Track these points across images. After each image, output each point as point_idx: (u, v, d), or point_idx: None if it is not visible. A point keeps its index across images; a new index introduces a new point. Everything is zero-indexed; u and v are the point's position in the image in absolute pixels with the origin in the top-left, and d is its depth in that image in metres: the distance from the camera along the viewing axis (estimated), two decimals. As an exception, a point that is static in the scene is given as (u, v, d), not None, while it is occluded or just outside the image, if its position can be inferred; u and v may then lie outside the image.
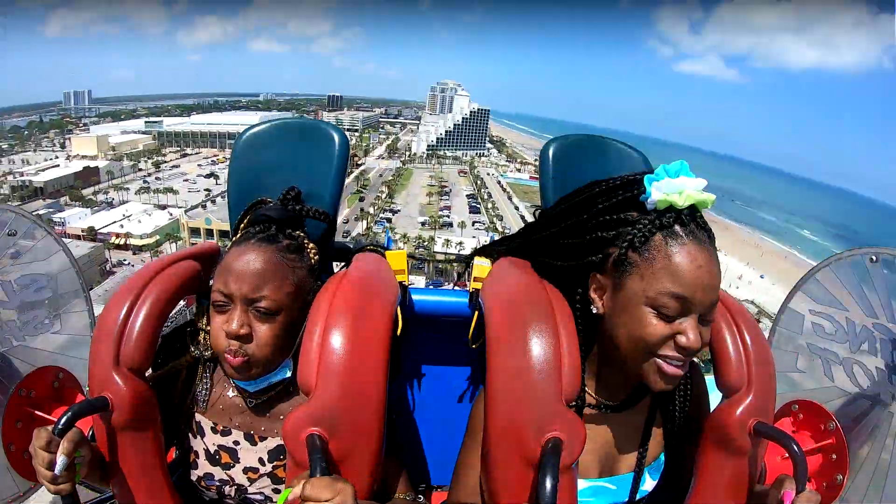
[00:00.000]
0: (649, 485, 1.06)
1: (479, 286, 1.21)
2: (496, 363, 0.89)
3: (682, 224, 0.83)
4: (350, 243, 1.44)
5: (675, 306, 0.82)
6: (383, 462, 0.94)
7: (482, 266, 1.26)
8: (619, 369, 0.97)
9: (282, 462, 1.07)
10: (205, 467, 1.09)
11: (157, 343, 1.03)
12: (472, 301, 1.39)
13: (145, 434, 0.99)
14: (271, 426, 1.09)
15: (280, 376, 1.05)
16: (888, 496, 1.17)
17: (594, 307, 0.92)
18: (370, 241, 1.45)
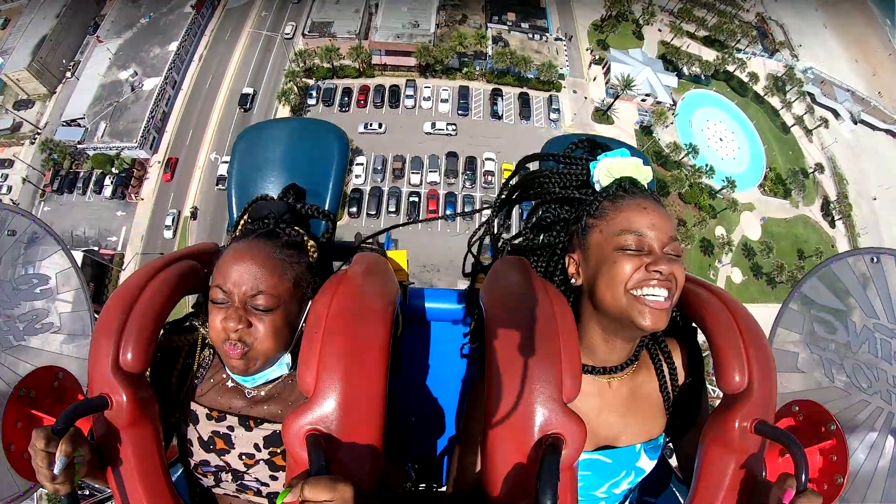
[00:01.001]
0: (646, 464, 1.07)
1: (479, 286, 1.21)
2: (496, 362, 0.89)
3: (624, 190, 1.00)
4: (350, 242, 1.44)
5: (635, 241, 0.94)
6: (383, 461, 0.94)
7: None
8: (605, 332, 1.01)
9: (279, 449, 1.07)
10: (199, 454, 1.09)
11: (157, 342, 1.03)
12: (472, 301, 1.39)
13: (145, 433, 0.98)
14: (268, 413, 1.09)
15: (278, 372, 1.05)
16: (888, 496, 1.17)
17: (574, 280, 1.03)
18: (370, 239, 1.45)
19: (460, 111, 30.43)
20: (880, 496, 1.18)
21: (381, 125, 29.01)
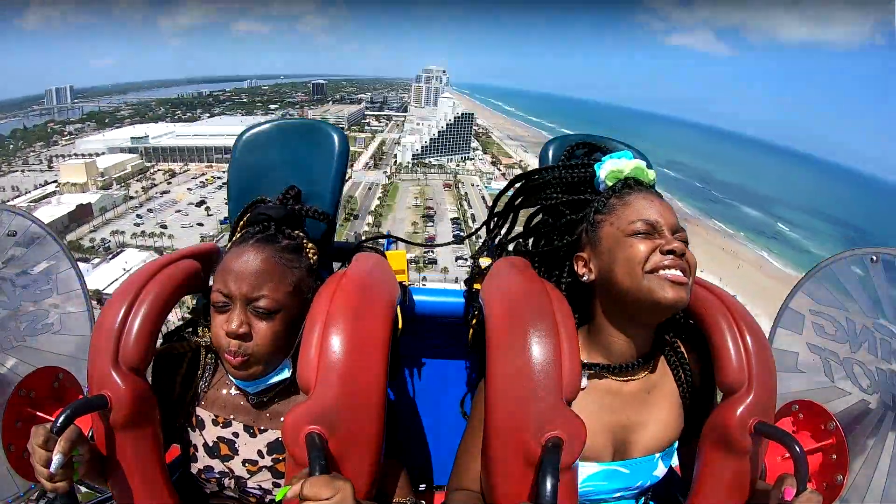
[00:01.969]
0: (661, 471, 1.06)
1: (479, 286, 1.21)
2: (496, 362, 0.89)
3: (630, 187, 1.04)
4: (350, 243, 1.44)
5: (646, 227, 0.97)
6: (382, 461, 0.94)
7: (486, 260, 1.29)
8: (624, 324, 1.01)
9: (282, 456, 1.07)
10: (204, 460, 1.09)
11: (156, 342, 1.03)
12: (472, 301, 1.39)
13: (144, 433, 0.98)
14: (271, 421, 1.09)
15: (279, 376, 1.05)
16: (888, 496, 1.17)
17: (586, 277, 1.04)
18: (369, 240, 1.45)
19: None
20: (880, 496, 1.17)
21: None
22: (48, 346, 1.57)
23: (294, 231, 1.13)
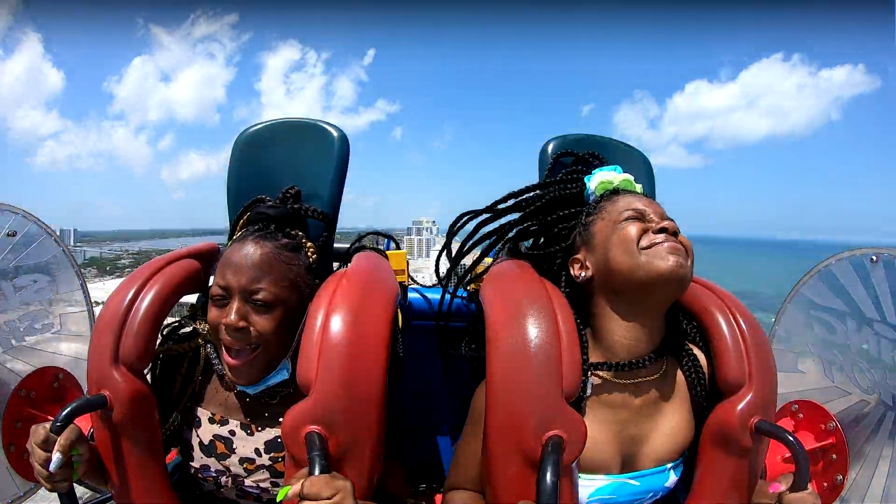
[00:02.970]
0: (672, 481, 1.03)
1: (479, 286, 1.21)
2: (496, 361, 0.89)
3: (616, 193, 1.08)
4: (349, 244, 1.44)
5: (636, 215, 1.00)
6: (382, 461, 0.94)
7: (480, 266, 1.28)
8: (628, 313, 0.99)
9: (280, 455, 1.07)
10: (200, 459, 1.09)
11: (156, 341, 1.03)
12: (472, 301, 1.39)
13: (144, 432, 0.98)
14: (270, 420, 1.09)
15: (279, 377, 1.05)
16: (888, 496, 1.17)
17: (585, 274, 1.04)
18: (369, 241, 1.44)
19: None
20: (880, 496, 1.17)
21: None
22: (48, 346, 1.57)
23: (293, 230, 1.13)
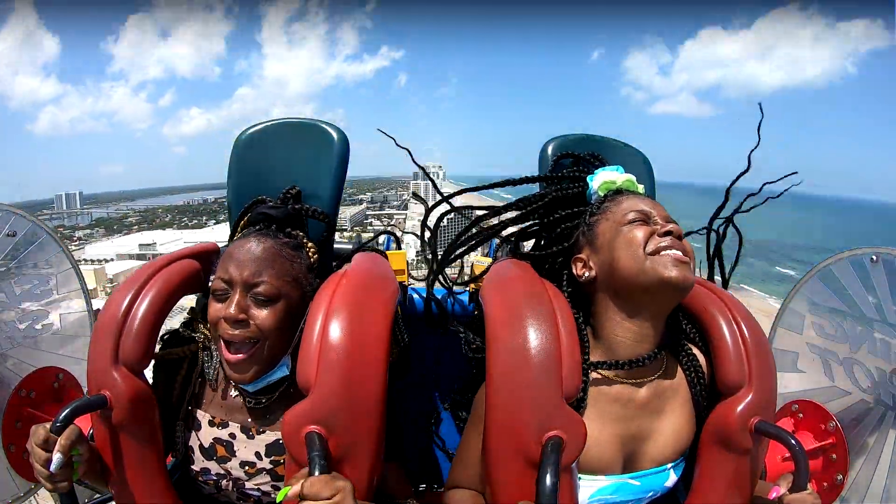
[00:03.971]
0: (672, 480, 1.03)
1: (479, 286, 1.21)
2: (496, 361, 0.89)
3: (619, 194, 1.08)
4: (350, 244, 1.44)
5: (640, 216, 1.00)
6: (383, 461, 0.94)
7: (480, 265, 1.28)
8: (631, 315, 0.98)
9: (281, 458, 1.06)
10: (201, 462, 1.09)
11: (156, 341, 1.03)
12: (472, 301, 1.39)
13: (144, 432, 0.98)
14: (270, 422, 1.08)
15: (279, 374, 1.05)
16: (888, 496, 1.17)
17: (588, 274, 1.04)
18: (370, 241, 1.44)
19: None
20: (880, 496, 1.17)
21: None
22: (48, 346, 1.57)
23: (294, 230, 1.13)
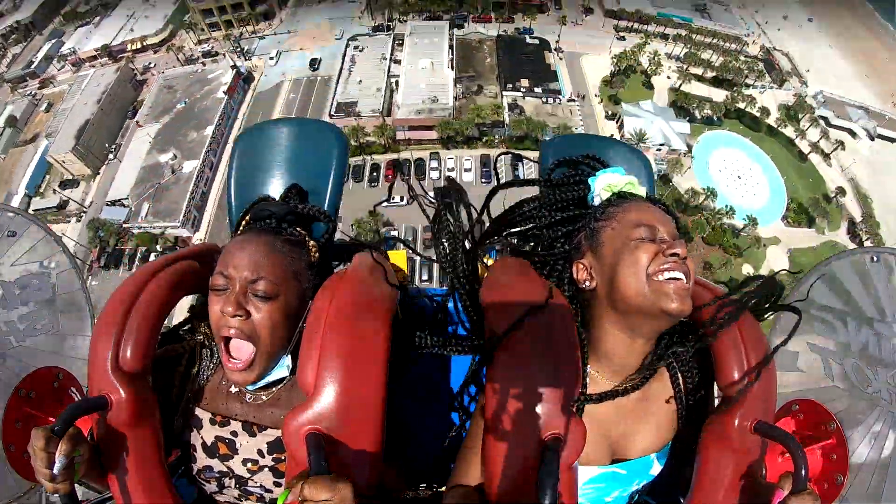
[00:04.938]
0: (657, 469, 1.07)
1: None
2: (497, 362, 0.89)
3: (623, 198, 1.06)
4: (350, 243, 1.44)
5: (647, 232, 0.98)
6: (383, 461, 0.94)
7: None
8: (627, 331, 0.99)
9: (283, 456, 1.07)
10: (203, 460, 1.09)
11: (157, 342, 1.03)
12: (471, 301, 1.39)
13: (144, 433, 0.98)
14: (271, 420, 1.08)
15: (279, 374, 1.05)
16: (888, 496, 1.17)
17: (587, 284, 1.03)
18: (370, 241, 1.44)
19: (483, 179, 30.69)
20: (880, 496, 1.17)
21: (402, 198, 26.68)
22: (48, 347, 1.57)
23: (297, 228, 1.13)
